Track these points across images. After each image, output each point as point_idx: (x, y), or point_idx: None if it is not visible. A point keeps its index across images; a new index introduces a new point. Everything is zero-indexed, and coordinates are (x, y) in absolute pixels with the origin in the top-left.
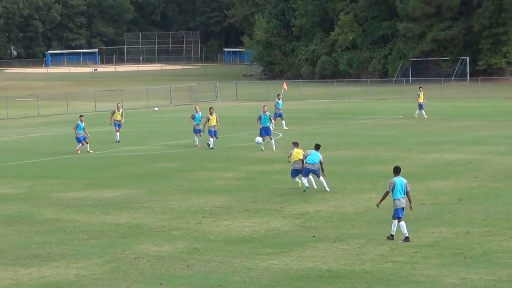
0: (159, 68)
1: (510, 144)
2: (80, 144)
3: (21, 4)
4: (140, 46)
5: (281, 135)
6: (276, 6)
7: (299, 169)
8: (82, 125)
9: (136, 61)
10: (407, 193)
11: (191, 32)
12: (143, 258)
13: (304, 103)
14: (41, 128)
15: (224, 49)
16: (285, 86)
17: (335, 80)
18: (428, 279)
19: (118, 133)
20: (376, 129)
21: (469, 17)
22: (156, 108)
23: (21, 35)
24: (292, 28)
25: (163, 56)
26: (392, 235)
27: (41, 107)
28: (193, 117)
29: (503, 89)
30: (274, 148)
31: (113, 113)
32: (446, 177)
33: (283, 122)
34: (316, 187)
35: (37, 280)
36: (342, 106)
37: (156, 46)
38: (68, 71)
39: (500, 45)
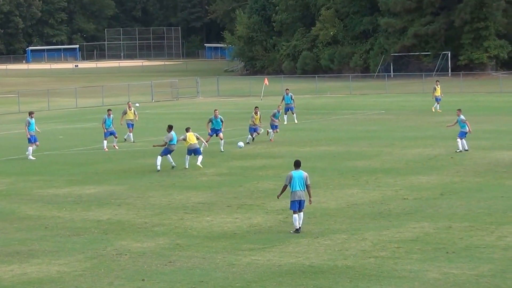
0: (140, 64)
1: (491, 139)
2: (105, 141)
3: (1, 0)
4: (121, 42)
5: (262, 130)
6: (257, 2)
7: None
8: (110, 119)
9: (117, 57)
10: (307, 187)
11: (172, 27)
12: (125, 255)
13: None
14: (21, 125)
15: (205, 44)
16: (266, 81)
17: (316, 75)
18: (411, 274)
19: (131, 134)
20: (358, 124)
21: (450, 12)
22: (137, 104)
23: (1, 31)
24: (273, 24)
25: (144, 52)
26: (297, 230)
27: (22, 103)
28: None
29: (484, 84)
30: (221, 148)
31: (125, 112)
32: (428, 172)
33: (285, 116)
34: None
35: (19, 277)
36: (324, 101)
37: (137, 42)
38: (49, 67)
39: (481, 40)
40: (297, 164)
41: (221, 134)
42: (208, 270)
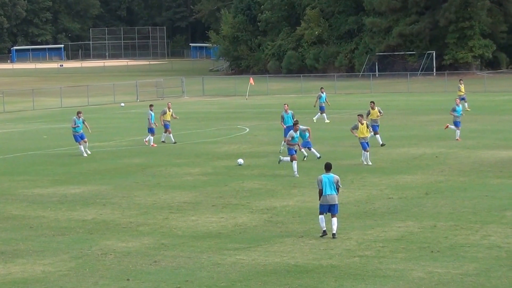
0: (125, 63)
1: (476, 138)
2: (150, 136)
3: None
4: (106, 41)
5: (248, 130)
6: (242, 1)
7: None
8: (154, 115)
9: (102, 56)
10: (337, 190)
11: (157, 27)
12: (110, 254)
13: (271, 98)
14: (6, 124)
15: (190, 44)
16: (251, 81)
17: (301, 75)
18: (395, 273)
19: (171, 134)
20: (343, 124)
21: (435, 12)
22: (122, 104)
23: None
24: (258, 23)
25: (129, 51)
26: (324, 231)
27: (7, 103)
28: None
29: (469, 84)
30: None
31: (164, 113)
32: (413, 171)
33: (324, 115)
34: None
35: (4, 277)
36: (309, 101)
37: (122, 41)
38: (34, 67)
39: (466, 39)
40: (327, 167)
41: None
42: (193, 269)
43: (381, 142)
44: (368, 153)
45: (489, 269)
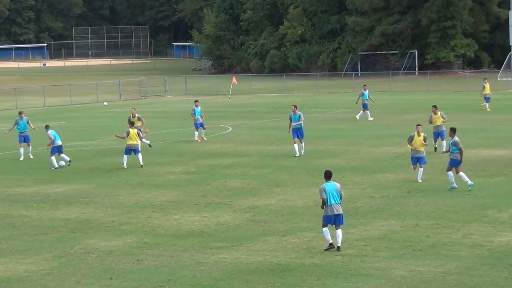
0: (108, 62)
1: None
2: (196, 133)
3: None
4: (89, 40)
5: (230, 129)
6: (225, 0)
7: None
8: (199, 109)
9: (85, 55)
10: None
11: (140, 26)
12: (93, 253)
13: (254, 97)
14: None
15: (173, 43)
16: (234, 80)
17: (284, 74)
18: (378, 271)
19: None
20: (325, 123)
21: (417, 11)
22: (105, 103)
23: None
24: (241, 22)
25: (112, 50)
26: (330, 244)
27: None
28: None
29: (451, 82)
30: (303, 152)
31: (128, 119)
32: (395, 170)
33: (368, 112)
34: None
35: None
36: (292, 100)
37: (105, 40)
38: (16, 66)
39: (448, 38)
40: (328, 175)
41: (303, 138)
42: (175, 268)
43: (444, 149)
44: (422, 168)
45: (471, 267)
